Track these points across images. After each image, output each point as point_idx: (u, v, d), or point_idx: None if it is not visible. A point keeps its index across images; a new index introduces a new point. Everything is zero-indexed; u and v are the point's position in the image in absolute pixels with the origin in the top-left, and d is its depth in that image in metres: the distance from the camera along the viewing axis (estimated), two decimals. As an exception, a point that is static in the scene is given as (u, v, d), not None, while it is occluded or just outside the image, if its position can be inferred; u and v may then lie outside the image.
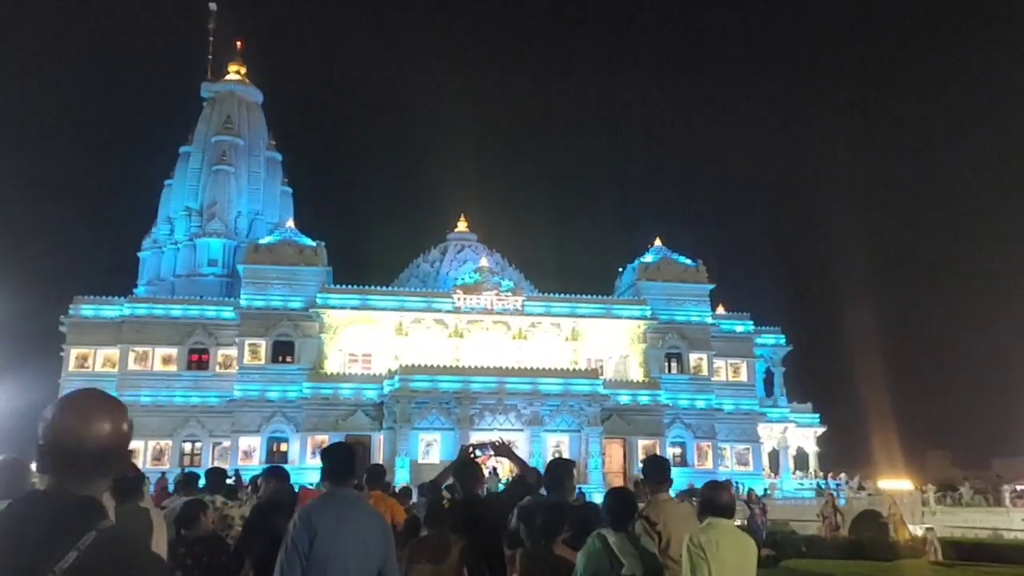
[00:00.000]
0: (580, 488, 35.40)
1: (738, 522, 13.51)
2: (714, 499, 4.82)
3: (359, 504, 4.38)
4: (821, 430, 48.69)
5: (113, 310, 42.37)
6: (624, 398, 41.15)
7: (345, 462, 4.35)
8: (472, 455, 7.30)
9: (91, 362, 42.06)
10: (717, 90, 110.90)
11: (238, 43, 54.65)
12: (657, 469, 6.18)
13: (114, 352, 41.86)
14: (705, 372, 44.46)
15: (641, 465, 7.05)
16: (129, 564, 1.81)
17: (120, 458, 1.99)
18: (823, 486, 41.97)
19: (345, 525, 4.06)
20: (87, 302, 42.66)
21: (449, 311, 41.98)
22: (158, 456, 40.32)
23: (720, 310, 47.53)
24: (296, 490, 9.09)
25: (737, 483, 31.15)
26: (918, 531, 18.72)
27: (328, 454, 4.42)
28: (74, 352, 42.02)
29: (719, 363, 45.49)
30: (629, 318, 43.61)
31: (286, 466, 37.03)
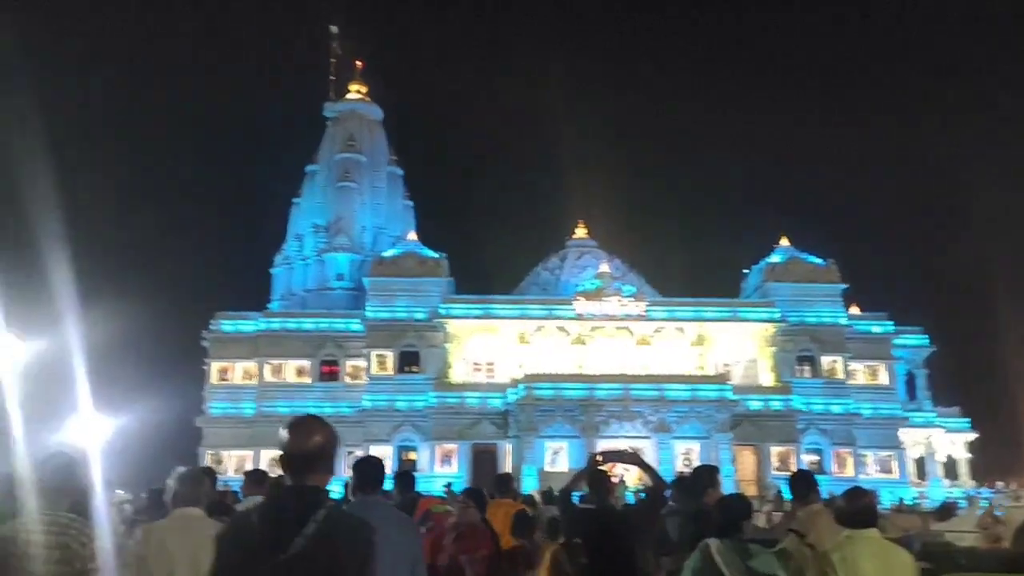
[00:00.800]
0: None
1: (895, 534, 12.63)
2: (852, 509, 4.36)
3: (387, 510, 4.66)
4: (972, 436, 45.61)
5: (250, 325, 44.30)
6: (754, 403, 39.79)
7: (372, 473, 4.75)
8: (600, 463, 7.26)
9: (231, 375, 44.09)
10: (844, 83, 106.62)
11: (358, 63, 56.34)
12: (801, 483, 5.88)
13: (252, 365, 43.74)
14: (840, 375, 42.48)
15: (785, 479, 6.76)
16: (349, 528, 2.75)
17: (330, 459, 2.90)
18: (974, 495, 39.32)
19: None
20: (226, 318, 44.76)
21: (571, 318, 41.74)
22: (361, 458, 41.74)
23: (854, 310, 45.33)
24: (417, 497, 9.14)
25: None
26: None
27: (357, 467, 4.81)
28: (216, 366, 44.16)
29: (855, 366, 43.36)
30: (757, 321, 42.20)
31: (415, 474, 37.68)
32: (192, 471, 5.10)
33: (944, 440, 45.13)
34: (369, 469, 4.77)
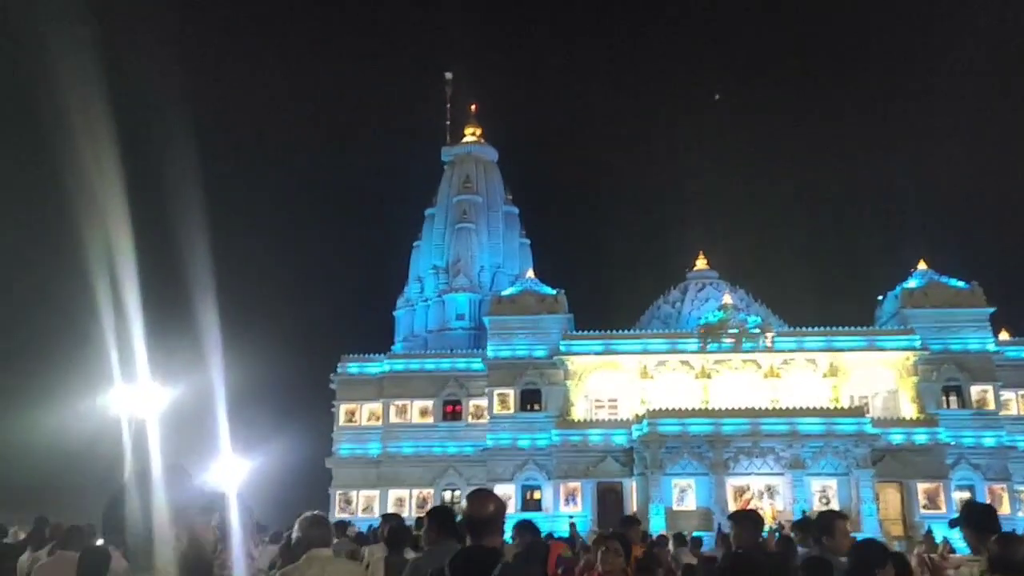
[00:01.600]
0: (855, 537, 32.60)
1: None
2: (1006, 556, 3.89)
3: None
4: None
5: (375, 367, 45.29)
6: (897, 437, 37.47)
7: (445, 520, 5.09)
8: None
9: (358, 416, 45.09)
10: (978, 99, 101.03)
11: (472, 106, 57.47)
12: (986, 518, 4.98)
13: (377, 406, 44.61)
14: (991, 406, 39.53)
15: (936, 518, 6.14)
16: None
17: (499, 523, 3.78)
18: None
19: None
20: (352, 360, 45.94)
21: (694, 351, 40.65)
22: (422, 504, 42.07)
23: (1004, 335, 42.27)
24: (547, 543, 8.81)
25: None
26: None
27: (433, 514, 5.13)
28: (343, 407, 45.29)
29: (1007, 395, 40.29)
30: (895, 349, 39.91)
31: (539, 514, 37.36)
32: (316, 515, 5.33)
33: (1115, 474, 41.16)
34: (443, 516, 5.08)
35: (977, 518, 4.70)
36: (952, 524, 4.73)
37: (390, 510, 41.39)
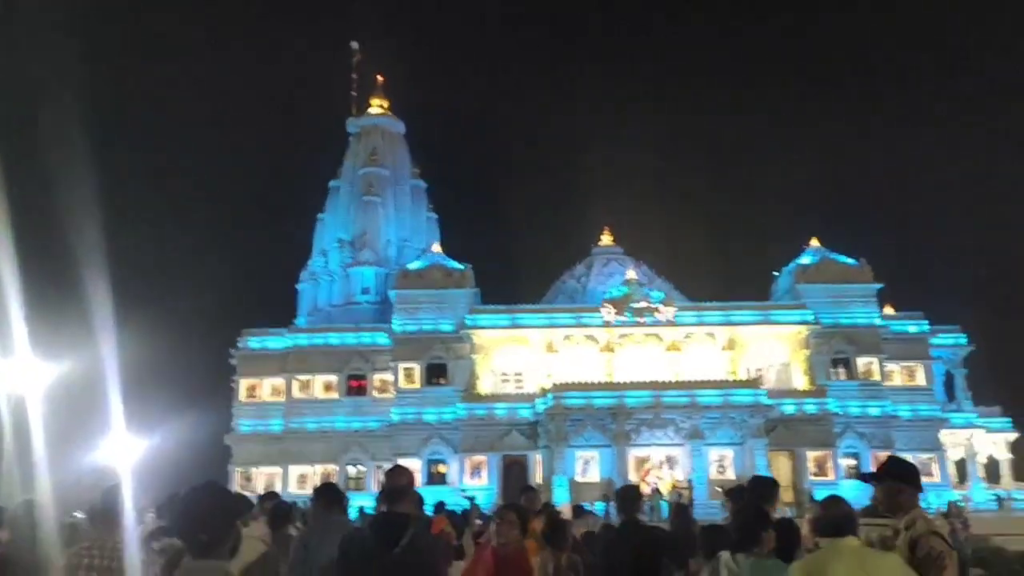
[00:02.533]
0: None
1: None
2: (828, 517, 3.93)
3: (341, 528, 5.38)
4: (1013, 436, 44.38)
5: (277, 341, 44.30)
6: (789, 408, 38.99)
7: (332, 496, 5.87)
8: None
9: (260, 392, 44.09)
10: (875, 80, 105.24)
11: (379, 77, 56.38)
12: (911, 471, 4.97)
13: (280, 381, 43.70)
14: (876, 377, 41.54)
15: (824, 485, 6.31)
16: (428, 542, 4.36)
17: (411, 493, 4.54)
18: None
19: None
20: (253, 335, 44.80)
21: (599, 326, 41.24)
22: (326, 480, 41.53)
23: (888, 311, 44.40)
24: (429, 517, 8.85)
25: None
26: None
27: (321, 491, 5.90)
28: (244, 383, 44.18)
29: (891, 367, 42.40)
30: (789, 323, 41.43)
31: (445, 487, 37.40)
32: (278, 498, 6.04)
33: (985, 441, 43.98)
34: (331, 493, 5.68)
35: (902, 469, 4.35)
36: (867, 479, 4.58)
37: (292, 487, 40.80)
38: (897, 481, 4.23)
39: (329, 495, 5.68)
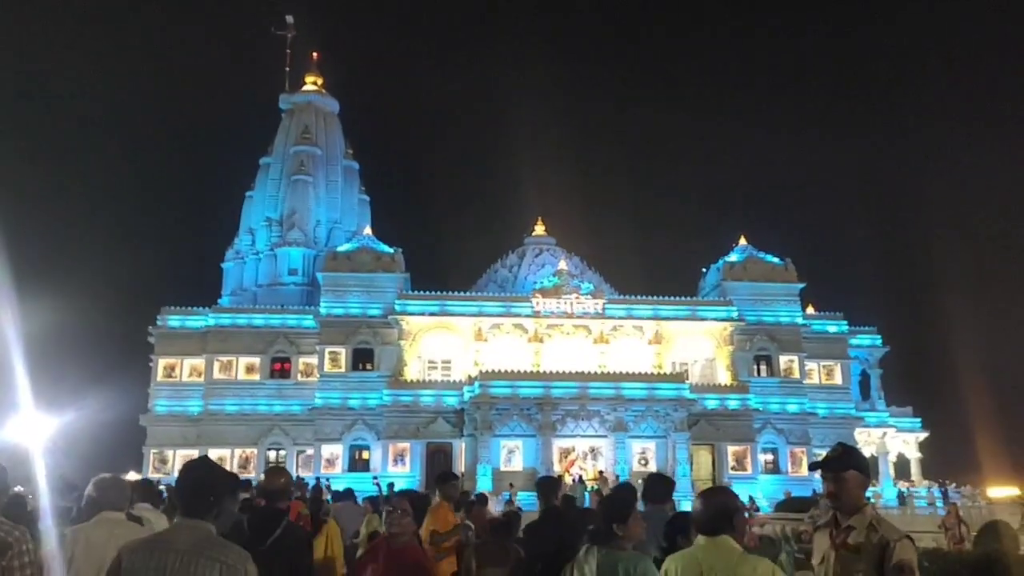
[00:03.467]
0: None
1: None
2: (701, 511, 3.68)
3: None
4: (923, 435, 46.06)
5: (198, 320, 43.04)
6: (712, 403, 39.62)
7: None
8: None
9: (178, 372, 42.78)
10: (804, 87, 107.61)
11: (314, 54, 55.19)
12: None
13: (200, 362, 42.48)
14: (796, 375, 42.54)
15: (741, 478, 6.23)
16: (297, 534, 5.05)
17: (288, 492, 5.39)
18: (924, 493, 39.68)
19: None
20: (173, 313, 43.43)
21: (528, 315, 41.19)
22: (244, 464, 40.65)
23: (810, 310, 45.49)
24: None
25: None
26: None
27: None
28: (162, 362, 42.81)
29: (811, 365, 43.49)
30: (715, 320, 42.06)
31: (367, 474, 36.78)
32: (114, 477, 5.29)
33: (897, 440, 45.50)
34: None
35: (862, 460, 4.11)
36: (814, 467, 4.28)
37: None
38: (860, 473, 3.85)
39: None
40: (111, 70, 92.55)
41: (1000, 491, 42.92)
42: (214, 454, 40.45)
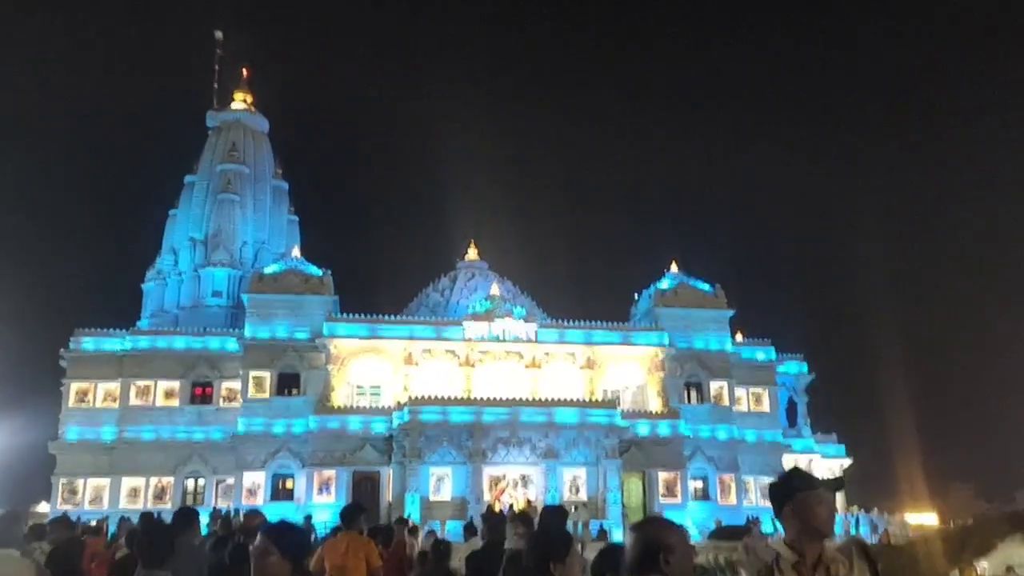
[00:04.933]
0: (601, 524, 33.63)
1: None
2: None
3: None
4: (847, 462, 46.84)
5: (114, 343, 41.20)
6: (643, 429, 39.51)
7: None
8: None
9: (91, 397, 40.79)
10: (735, 114, 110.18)
11: (244, 71, 54.02)
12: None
13: (115, 386, 40.58)
14: (726, 401, 42.80)
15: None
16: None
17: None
18: (852, 520, 40.22)
19: None
20: (88, 335, 41.50)
21: (460, 340, 40.57)
22: (159, 495, 38.91)
23: (739, 337, 45.95)
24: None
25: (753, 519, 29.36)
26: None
27: None
28: (74, 387, 40.78)
29: (740, 392, 43.84)
30: (646, 345, 42.10)
31: (291, 503, 35.57)
32: (8, 513, 5.39)
33: (822, 466, 46.08)
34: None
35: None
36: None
37: (123, 501, 37.91)
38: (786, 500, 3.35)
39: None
40: (25, 78, 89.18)
41: (918, 517, 43.90)
42: (128, 484, 38.78)
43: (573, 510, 34.67)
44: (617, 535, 31.03)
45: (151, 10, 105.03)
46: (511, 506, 32.91)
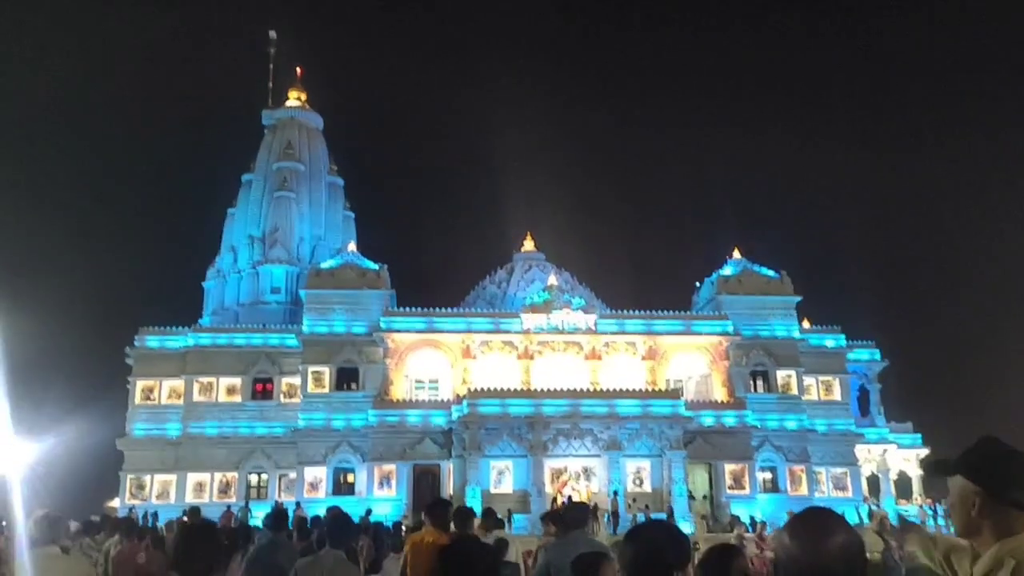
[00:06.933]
0: (658, 517, 32.81)
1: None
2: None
3: None
4: (924, 451, 44.87)
5: (177, 341, 41.70)
6: (708, 420, 38.38)
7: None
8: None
9: (157, 394, 41.39)
10: (798, 98, 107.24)
11: (298, 69, 54.25)
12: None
13: (179, 383, 41.09)
14: (794, 390, 41.36)
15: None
16: None
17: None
18: (915, 512, 38.47)
19: None
20: (152, 333, 42.09)
21: (518, 332, 39.99)
22: (224, 489, 39.22)
23: (806, 324, 44.40)
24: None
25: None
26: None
27: None
28: (140, 384, 41.42)
29: (809, 381, 42.32)
30: (710, 334, 40.93)
31: (352, 498, 35.39)
32: (46, 514, 5.42)
33: (897, 456, 44.35)
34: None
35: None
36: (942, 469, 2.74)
37: (189, 495, 38.31)
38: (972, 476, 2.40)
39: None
40: (89, 84, 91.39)
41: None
42: (193, 479, 39.18)
43: (631, 502, 33.86)
44: (686, 528, 30.08)
45: (205, 11, 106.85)
46: (569, 497, 32.24)
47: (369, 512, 24.24)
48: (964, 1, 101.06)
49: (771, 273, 43.30)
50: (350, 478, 38.11)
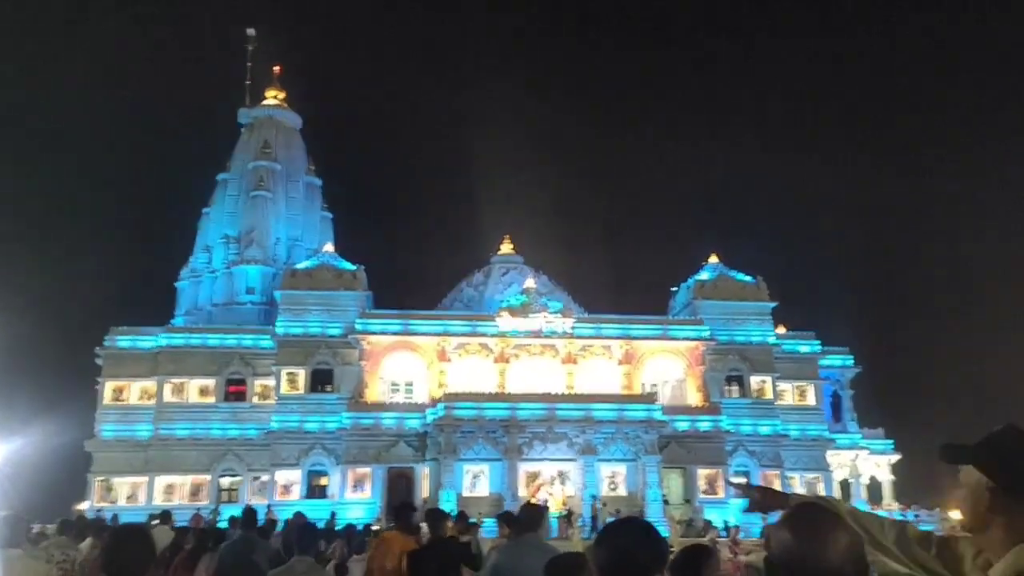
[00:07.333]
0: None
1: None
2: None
3: None
4: (895, 457, 45.29)
5: (149, 341, 41.16)
6: (683, 424, 38.50)
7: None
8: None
9: (127, 395, 40.87)
10: (774, 104, 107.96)
11: (276, 68, 53.73)
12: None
13: (151, 384, 40.57)
14: (769, 396, 41.60)
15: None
16: None
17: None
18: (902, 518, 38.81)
19: None
20: (123, 333, 41.53)
21: (494, 335, 39.88)
22: (195, 492, 38.73)
23: (781, 329, 44.66)
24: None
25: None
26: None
27: None
28: (110, 385, 40.86)
29: (783, 386, 42.58)
30: (686, 339, 41.06)
31: (325, 501, 35.07)
32: (10, 515, 5.51)
33: (869, 462, 44.70)
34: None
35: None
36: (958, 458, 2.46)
37: (159, 498, 37.78)
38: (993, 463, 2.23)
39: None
40: (59, 80, 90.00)
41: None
42: (163, 482, 38.69)
43: (601, 506, 33.82)
44: (664, 532, 30.11)
45: (182, 7, 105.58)
46: (545, 501, 32.14)
47: (334, 515, 24.00)
48: (932, 14, 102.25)
49: (747, 278, 43.53)
50: (323, 481, 37.80)
